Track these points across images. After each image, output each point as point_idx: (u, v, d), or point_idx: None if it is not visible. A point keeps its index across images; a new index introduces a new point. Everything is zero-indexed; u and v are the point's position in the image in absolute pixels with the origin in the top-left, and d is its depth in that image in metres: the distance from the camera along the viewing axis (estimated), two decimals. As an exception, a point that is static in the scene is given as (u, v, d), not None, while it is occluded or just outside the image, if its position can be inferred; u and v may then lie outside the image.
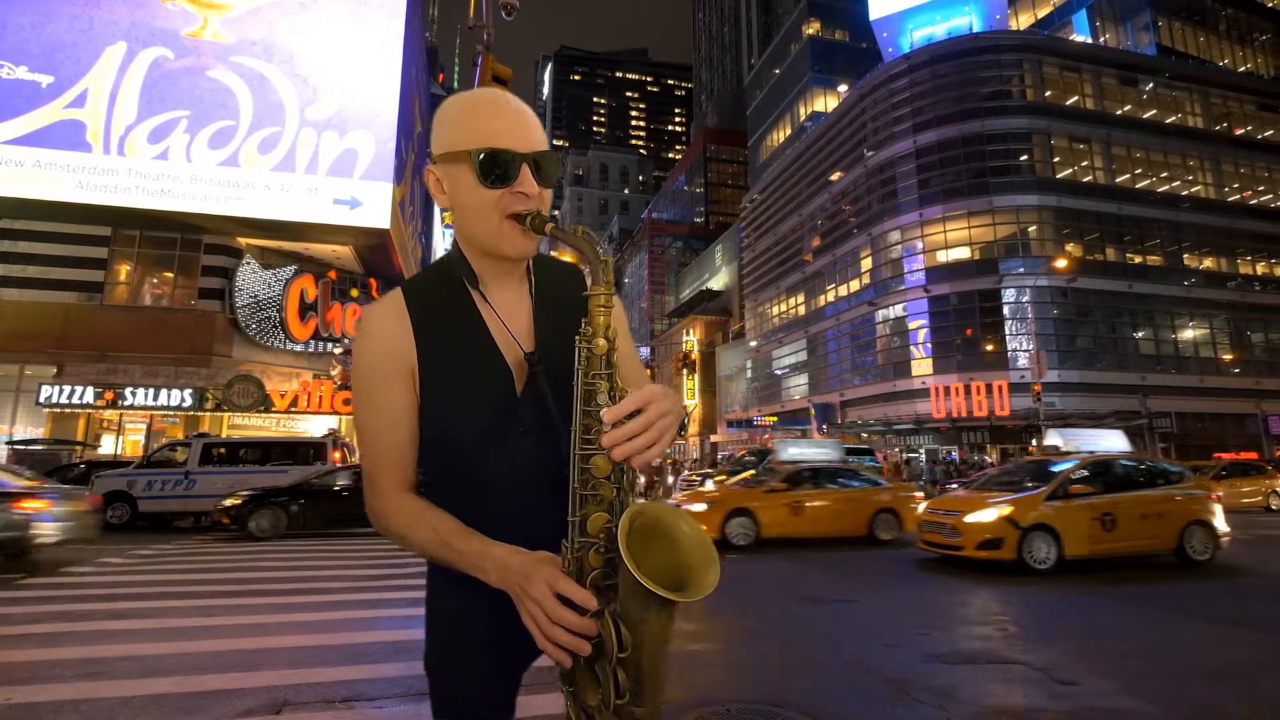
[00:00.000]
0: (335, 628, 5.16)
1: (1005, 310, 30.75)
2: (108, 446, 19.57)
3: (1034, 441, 24.32)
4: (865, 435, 35.07)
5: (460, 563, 0.94)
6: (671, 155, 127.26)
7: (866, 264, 36.56)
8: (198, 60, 18.70)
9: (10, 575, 7.23)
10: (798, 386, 43.58)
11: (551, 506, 0.93)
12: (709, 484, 16.46)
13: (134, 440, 20.04)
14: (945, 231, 32.53)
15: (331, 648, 4.62)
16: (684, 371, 55.33)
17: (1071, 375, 29.11)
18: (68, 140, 17.60)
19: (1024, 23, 40.28)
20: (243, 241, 20.49)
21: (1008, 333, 30.53)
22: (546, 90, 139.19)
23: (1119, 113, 33.52)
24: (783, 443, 14.78)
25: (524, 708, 1.12)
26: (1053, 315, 30.15)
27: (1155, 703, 3.68)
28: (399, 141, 20.44)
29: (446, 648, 1.06)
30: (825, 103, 48.45)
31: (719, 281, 61.72)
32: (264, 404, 19.07)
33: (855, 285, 37.59)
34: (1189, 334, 32.15)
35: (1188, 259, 32.78)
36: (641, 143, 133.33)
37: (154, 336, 19.29)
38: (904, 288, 33.65)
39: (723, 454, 41.16)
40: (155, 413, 19.11)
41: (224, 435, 18.06)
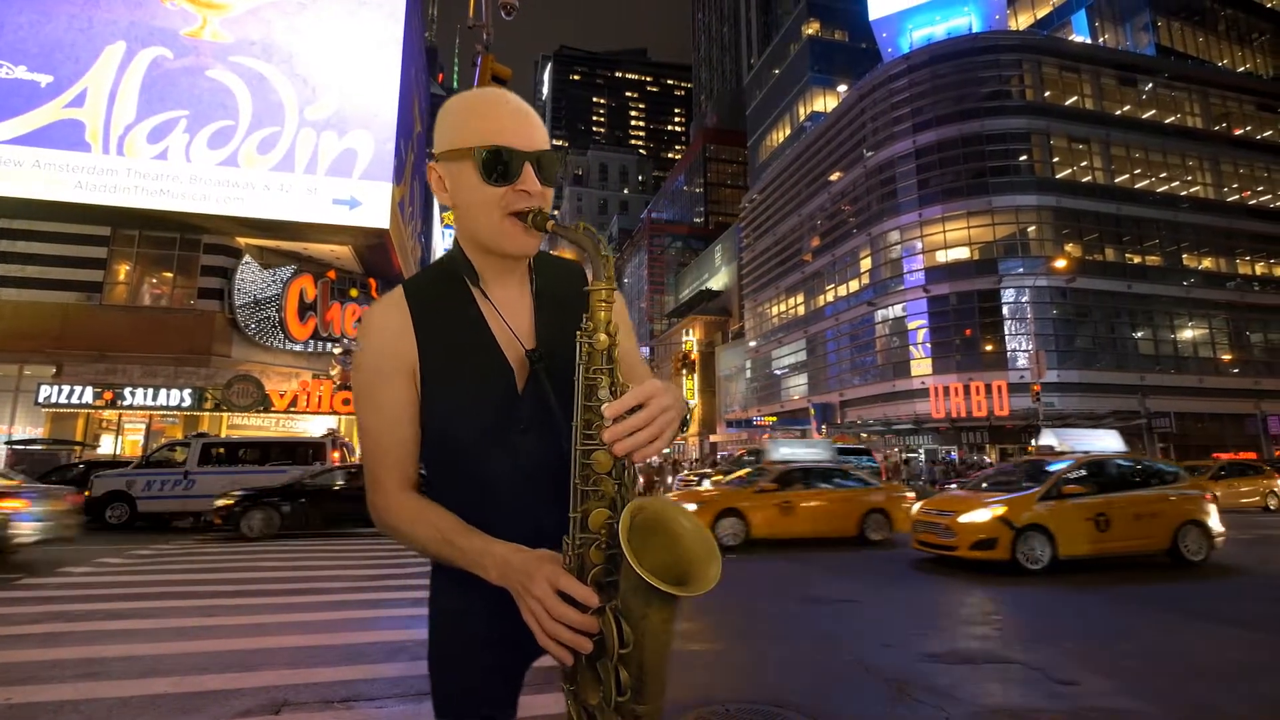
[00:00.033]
0: (334, 628, 5.16)
1: (1004, 310, 30.77)
2: (107, 446, 19.54)
3: (1033, 441, 24.32)
4: (865, 435, 35.08)
5: (461, 560, 0.94)
6: (671, 155, 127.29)
7: (866, 264, 36.57)
8: (197, 60, 18.69)
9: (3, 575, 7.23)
10: (797, 386, 43.59)
11: (553, 503, 0.93)
12: (705, 484, 16.44)
13: (133, 440, 20.03)
14: (944, 232, 32.55)
15: (331, 648, 4.62)
16: (683, 371, 55.33)
17: (1071, 375, 29.12)
18: (67, 140, 17.59)
19: (1023, 23, 40.30)
20: (242, 241, 20.48)
21: (1007, 333, 30.55)
22: (546, 90, 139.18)
23: (1118, 113, 33.55)
24: (774, 443, 14.76)
25: (524, 707, 1.11)
26: (1052, 315, 30.17)
27: (1154, 703, 3.68)
28: (398, 141, 20.44)
29: (448, 646, 1.06)
30: (825, 103, 48.47)
31: (718, 281, 61.74)
32: (263, 404, 19.06)
33: (855, 285, 37.60)
34: (1188, 334, 32.18)
35: (1187, 259, 32.81)
36: (641, 143, 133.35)
37: (153, 336, 19.28)
38: (903, 288, 33.66)
39: (722, 454, 41.17)
40: (154, 413, 19.10)
41: (223, 435, 18.04)
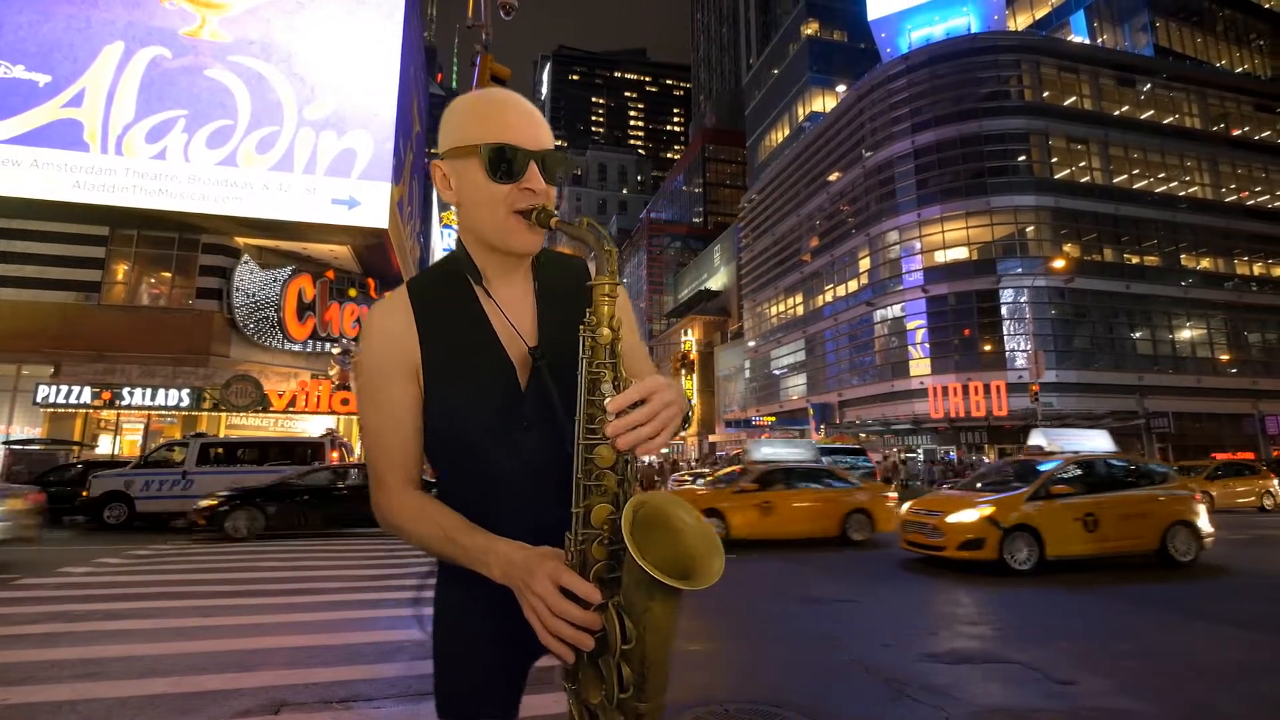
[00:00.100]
0: (333, 628, 5.15)
1: (1003, 310, 30.79)
2: (105, 446, 19.51)
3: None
4: (864, 435, 35.09)
5: (464, 558, 0.94)
6: (670, 155, 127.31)
7: (864, 264, 36.59)
8: (196, 59, 18.67)
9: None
10: (796, 386, 43.60)
11: (557, 499, 0.93)
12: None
13: (131, 440, 20.00)
14: (943, 232, 32.57)
15: (330, 648, 4.61)
16: (682, 372, 55.35)
17: (1069, 375, 29.15)
18: (65, 139, 17.56)
19: (1022, 23, 40.34)
20: (241, 241, 20.46)
21: (1005, 333, 30.57)
22: (545, 90, 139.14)
23: (1117, 113, 33.58)
24: (755, 443, 14.70)
25: (524, 707, 1.11)
26: (1050, 315, 30.19)
27: (1154, 702, 3.69)
28: (397, 141, 20.42)
29: (451, 645, 1.06)
30: (824, 103, 48.50)
31: (717, 281, 61.75)
32: (262, 404, 19.03)
33: (853, 285, 37.62)
34: (1186, 334, 32.22)
35: (1185, 259, 32.86)
36: (640, 143, 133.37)
37: (151, 336, 19.25)
38: (902, 288, 33.68)
39: (720, 453, 41.18)
40: (153, 413, 19.07)
41: (221, 435, 18.03)
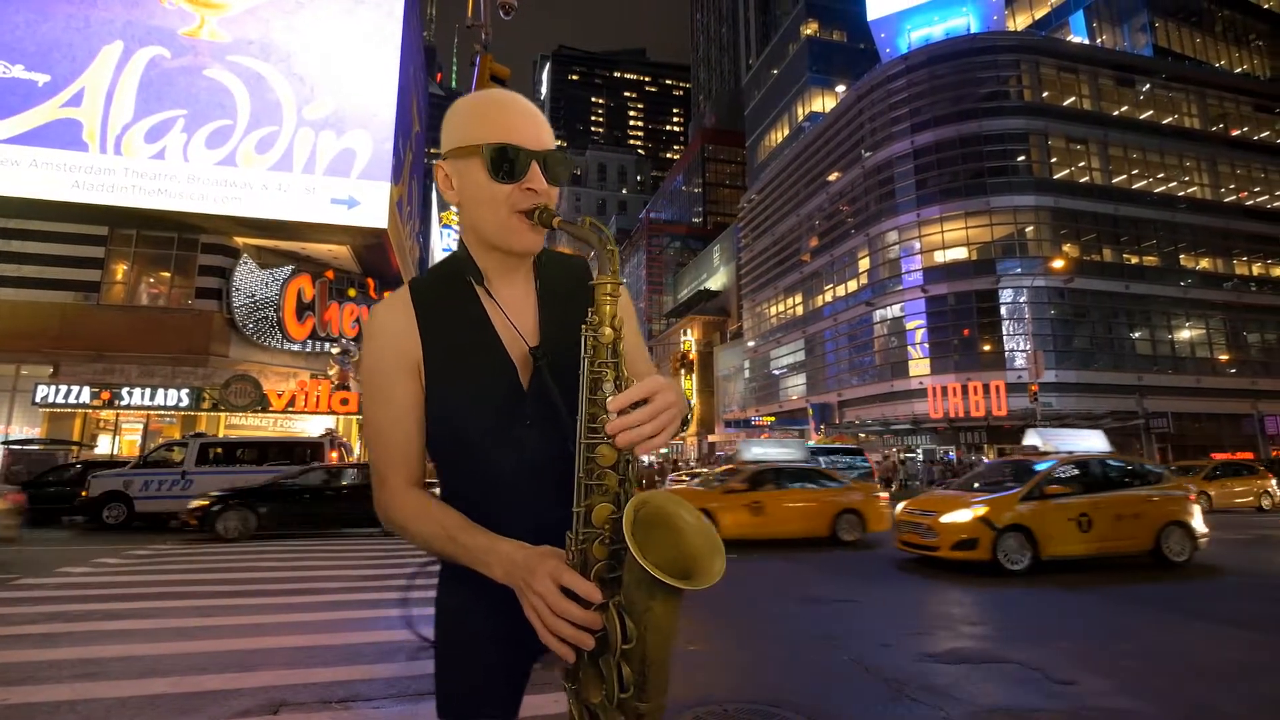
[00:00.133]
0: (333, 628, 5.15)
1: (1002, 310, 30.79)
2: (104, 446, 19.50)
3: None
4: (863, 435, 35.11)
5: (465, 557, 0.94)
6: (669, 155, 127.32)
7: (864, 264, 36.60)
8: (195, 59, 18.66)
9: None
10: (795, 386, 43.62)
11: (558, 499, 0.93)
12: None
13: (130, 440, 19.98)
14: (943, 232, 32.59)
15: (329, 648, 4.61)
16: (682, 372, 55.35)
17: (1069, 375, 29.17)
18: (64, 139, 17.56)
19: (1021, 23, 40.36)
20: (240, 241, 20.45)
21: (1005, 333, 30.58)
22: (544, 90, 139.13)
23: (1116, 114, 33.60)
24: (745, 443, 14.69)
25: (524, 707, 1.11)
26: (1050, 315, 30.21)
27: (1154, 702, 3.69)
28: (397, 141, 20.42)
29: (452, 644, 1.06)
30: (823, 103, 48.52)
31: (717, 281, 61.76)
32: (261, 404, 19.02)
33: (853, 285, 37.63)
34: (1185, 334, 32.24)
35: (1184, 259, 32.88)
36: (639, 143, 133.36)
37: (151, 336, 19.24)
38: (901, 288, 33.69)
39: (719, 453, 41.19)
40: (152, 412, 19.06)
41: (221, 435, 18.02)
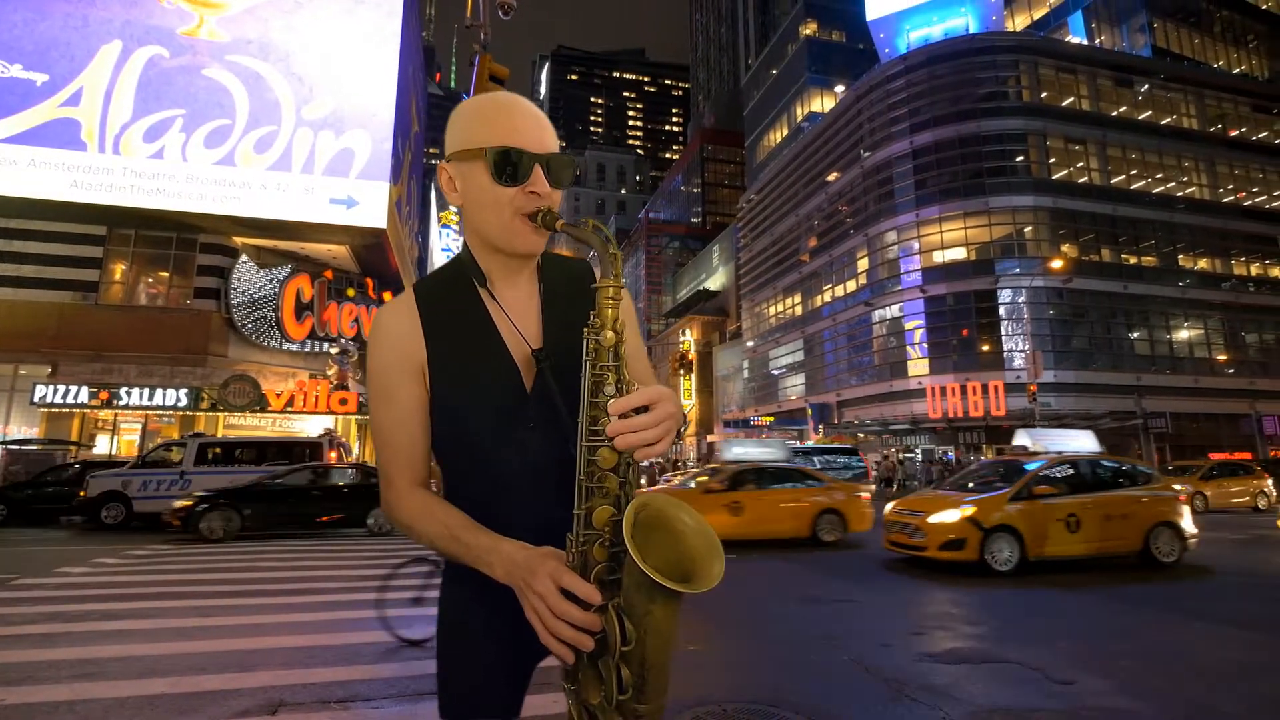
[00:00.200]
0: (331, 628, 5.15)
1: (1001, 311, 30.82)
2: (103, 446, 19.48)
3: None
4: (862, 435, 35.14)
5: (467, 556, 0.95)
6: (668, 155, 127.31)
7: (863, 264, 36.61)
8: (193, 59, 18.65)
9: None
10: (794, 386, 43.63)
11: (559, 500, 0.94)
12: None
13: (129, 440, 19.96)
14: (941, 232, 32.61)
15: (328, 648, 4.61)
16: (681, 372, 55.31)
17: (1067, 376, 29.20)
18: (62, 139, 17.54)
19: (1020, 24, 40.39)
20: (239, 241, 20.44)
21: (1003, 333, 30.60)
22: (544, 90, 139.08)
23: (1114, 114, 33.63)
24: (726, 443, 14.68)
25: (525, 707, 1.11)
26: (1048, 316, 30.24)
27: (1152, 702, 3.70)
28: (396, 141, 20.41)
29: (454, 644, 1.07)
30: (822, 103, 48.54)
31: (716, 282, 61.76)
32: (260, 404, 19.01)
33: (852, 285, 37.65)
34: (1184, 335, 32.29)
35: (1182, 260, 32.92)
36: (638, 143, 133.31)
37: (149, 336, 19.22)
38: (900, 288, 33.71)
39: (718, 454, 41.13)
40: (150, 412, 19.04)
41: (219, 435, 18.00)
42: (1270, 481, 17.30)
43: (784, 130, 52.38)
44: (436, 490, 1.08)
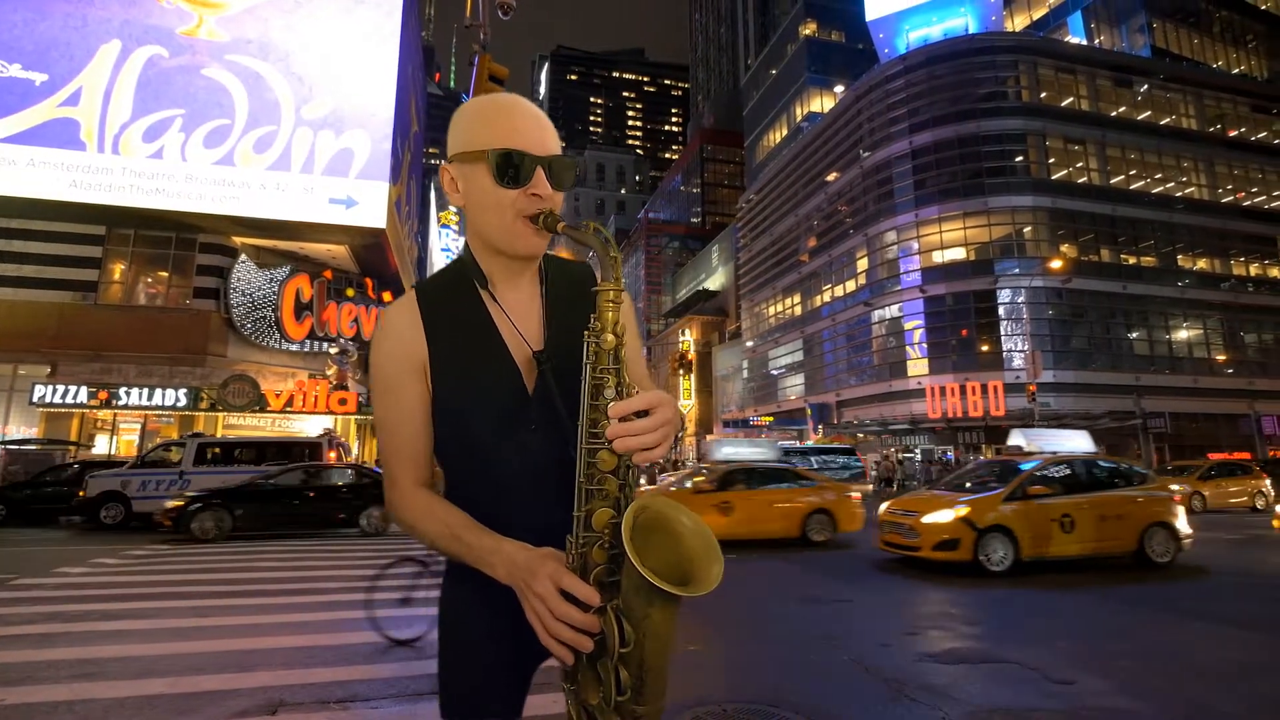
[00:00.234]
0: (331, 628, 5.15)
1: (1000, 311, 30.85)
2: (102, 446, 19.47)
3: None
4: (861, 435, 35.15)
5: (469, 556, 0.96)
6: (668, 155, 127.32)
7: (862, 264, 36.63)
8: (193, 59, 18.64)
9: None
10: (794, 386, 43.65)
11: (562, 502, 0.94)
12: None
13: (128, 440, 19.95)
14: (941, 232, 32.63)
15: (327, 648, 4.61)
16: (680, 372, 55.31)
17: (1066, 376, 29.22)
18: (61, 139, 17.53)
19: (1019, 24, 40.42)
20: (238, 241, 20.43)
21: (1003, 333, 30.63)
22: (543, 90, 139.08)
23: (1114, 114, 33.66)
24: (716, 443, 14.66)
25: (525, 707, 1.11)
26: (1048, 316, 30.26)
27: (1152, 702, 3.70)
28: (395, 141, 20.41)
29: (456, 644, 1.07)
30: (821, 103, 48.56)
31: (715, 282, 61.78)
32: (259, 404, 19.01)
33: (851, 286, 37.67)
34: (1183, 335, 32.32)
35: (1182, 260, 32.95)
36: (638, 143, 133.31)
37: (148, 336, 19.22)
38: (900, 288, 33.73)
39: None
40: (149, 412, 19.03)
41: (219, 435, 18.00)
42: (1268, 481, 17.30)
43: (783, 130, 52.40)
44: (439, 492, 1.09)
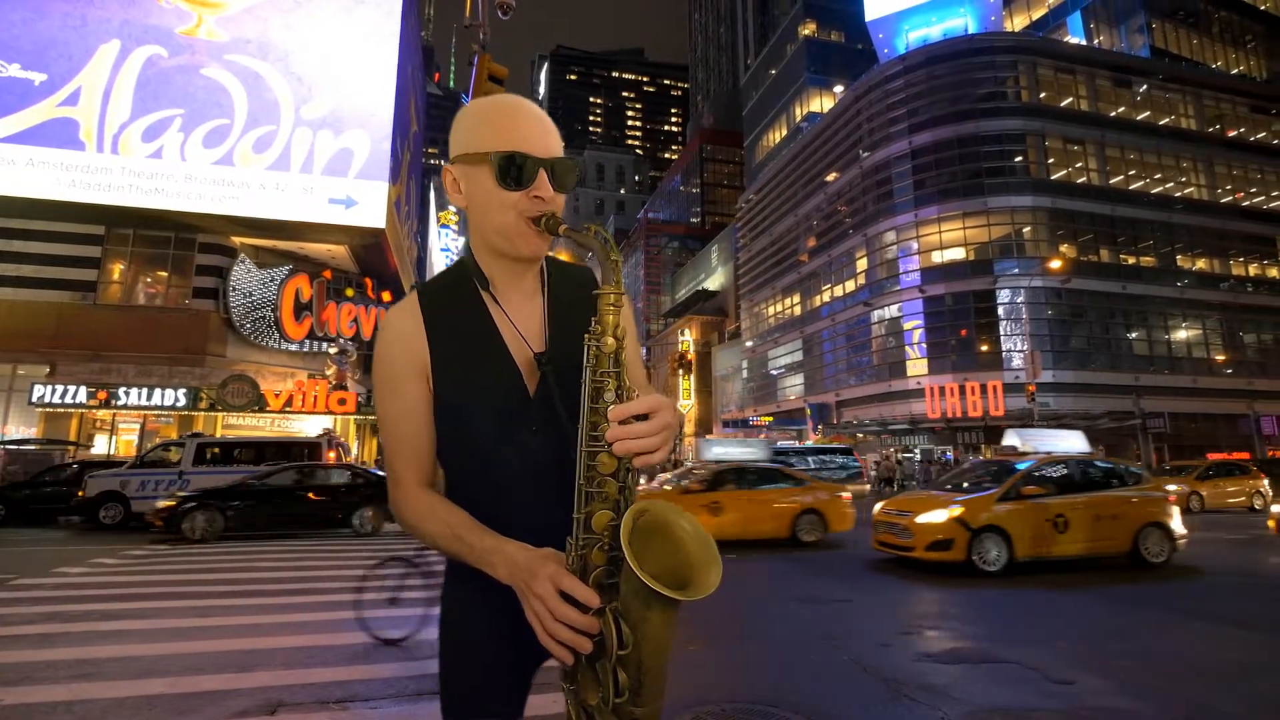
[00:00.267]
0: (330, 628, 5.14)
1: (1000, 311, 30.87)
2: (101, 446, 19.47)
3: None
4: (861, 435, 35.16)
5: (470, 556, 0.96)
6: (667, 155, 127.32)
7: (862, 264, 36.64)
8: (192, 58, 18.64)
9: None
10: (793, 386, 43.65)
11: (562, 502, 0.95)
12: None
13: (127, 440, 19.95)
14: (940, 232, 32.64)
15: (326, 648, 4.61)
16: (680, 372, 55.30)
17: (1066, 376, 29.24)
18: (61, 138, 17.52)
19: (1019, 24, 40.43)
20: (237, 241, 20.42)
21: (1002, 333, 30.64)
22: (543, 90, 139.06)
23: (1113, 114, 33.67)
24: (706, 442, 14.62)
25: (526, 706, 1.11)
26: (1047, 316, 30.28)
27: (1152, 702, 3.70)
28: (394, 141, 20.41)
29: (456, 646, 1.08)
30: (821, 103, 48.57)
31: (715, 282, 61.78)
32: (258, 404, 19.00)
33: (850, 286, 37.68)
34: (1182, 335, 32.34)
35: (1181, 260, 32.97)
36: (637, 143, 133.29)
37: (147, 336, 19.21)
38: (899, 288, 33.74)
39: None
40: (149, 413, 19.02)
41: (218, 435, 17.99)
42: (1266, 482, 17.31)
43: (783, 130, 52.42)
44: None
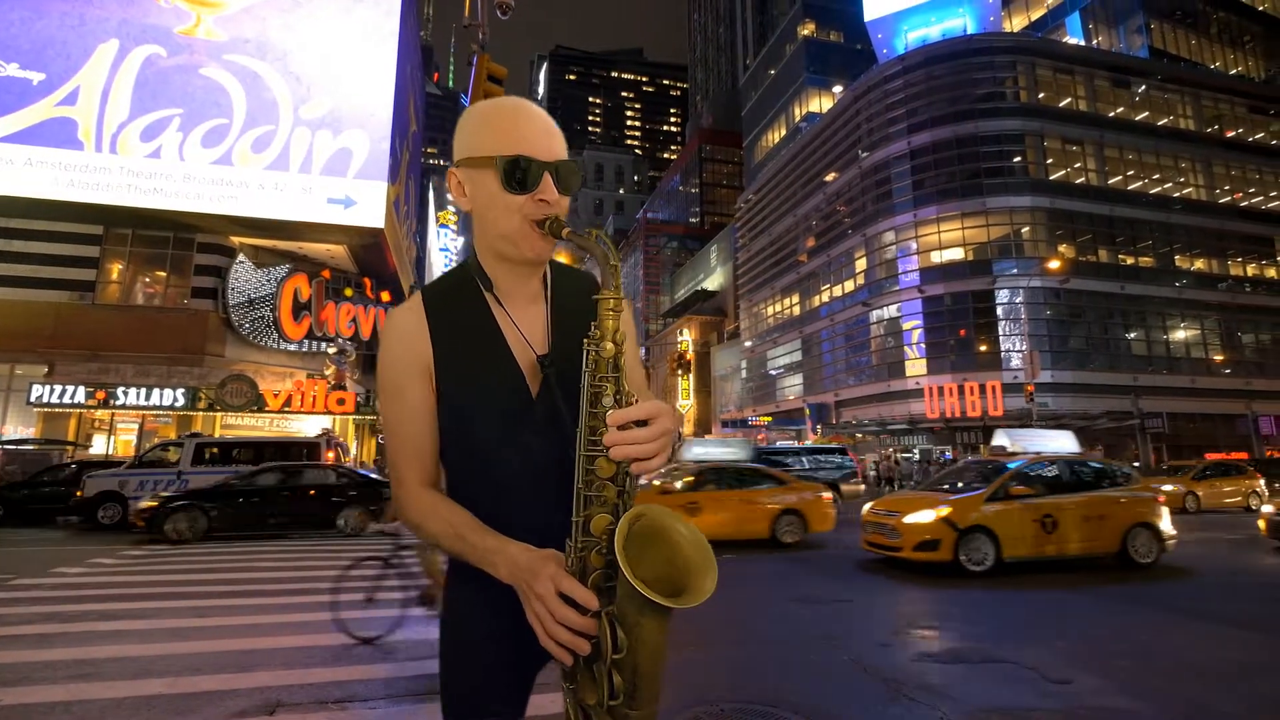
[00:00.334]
0: (329, 628, 5.13)
1: (999, 311, 30.89)
2: (99, 446, 19.45)
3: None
4: (860, 435, 35.18)
5: (472, 556, 0.97)
6: (667, 155, 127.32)
7: (861, 264, 36.66)
8: (191, 58, 18.62)
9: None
10: (792, 387, 43.67)
11: (562, 503, 0.95)
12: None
13: (126, 440, 19.94)
14: (939, 232, 32.67)
15: (325, 648, 4.61)
16: (679, 372, 55.31)
17: (1065, 376, 29.27)
18: (59, 138, 17.50)
19: (1018, 25, 40.46)
20: (236, 240, 20.40)
21: (1001, 333, 30.67)
22: (542, 90, 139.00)
23: (1111, 115, 33.71)
24: (688, 442, 14.62)
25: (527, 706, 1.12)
26: (1046, 316, 30.31)
27: (1150, 701, 3.71)
28: (394, 140, 20.40)
29: (457, 646, 1.08)
30: (820, 104, 48.59)
31: (714, 282, 61.79)
32: (257, 404, 18.98)
33: (849, 286, 37.70)
34: (1180, 335, 32.38)
35: (1179, 260, 33.01)
36: (637, 143, 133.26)
37: (146, 336, 19.19)
38: (898, 288, 33.76)
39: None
40: (147, 412, 19.00)
41: (217, 435, 17.97)
42: (1262, 481, 17.33)
43: (782, 130, 52.43)
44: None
